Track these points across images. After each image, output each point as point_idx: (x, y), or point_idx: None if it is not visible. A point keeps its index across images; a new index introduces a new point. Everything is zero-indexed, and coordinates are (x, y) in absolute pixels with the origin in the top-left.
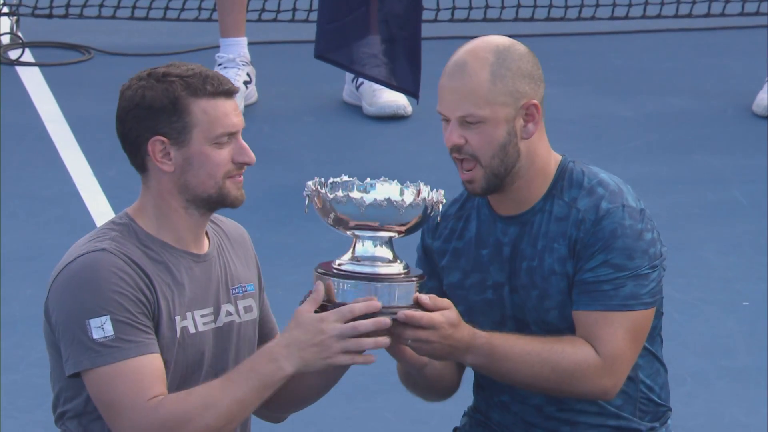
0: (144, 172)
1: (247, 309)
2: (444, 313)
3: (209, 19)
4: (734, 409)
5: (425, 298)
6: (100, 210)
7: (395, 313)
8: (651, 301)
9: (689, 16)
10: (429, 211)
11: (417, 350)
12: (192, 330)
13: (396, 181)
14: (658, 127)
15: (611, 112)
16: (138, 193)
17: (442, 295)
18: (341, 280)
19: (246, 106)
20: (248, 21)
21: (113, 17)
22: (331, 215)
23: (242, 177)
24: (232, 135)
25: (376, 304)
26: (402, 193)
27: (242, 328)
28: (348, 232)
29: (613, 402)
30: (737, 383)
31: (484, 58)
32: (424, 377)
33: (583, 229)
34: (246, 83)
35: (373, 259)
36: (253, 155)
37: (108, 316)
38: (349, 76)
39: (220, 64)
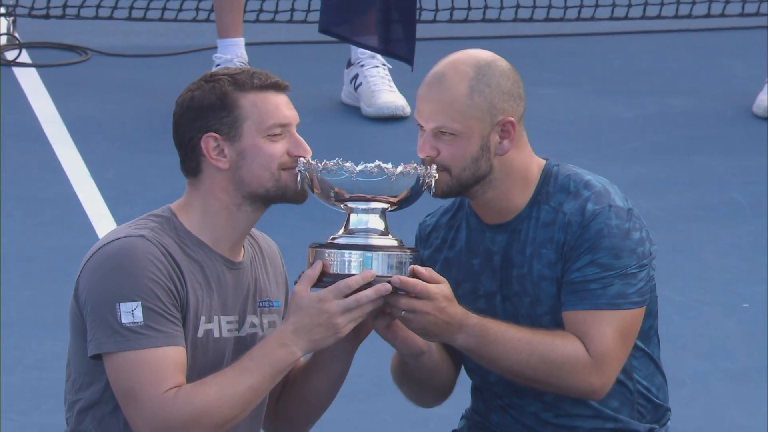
0: (197, 174)
1: (271, 324)
2: (439, 286)
3: (207, 20)
4: (734, 411)
5: (421, 268)
6: (98, 212)
7: (389, 280)
8: (640, 300)
9: (689, 16)
10: (421, 183)
11: (410, 324)
12: (216, 334)
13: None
14: (657, 129)
15: (611, 113)
16: (135, 194)
17: None
18: (335, 251)
19: None
20: (246, 21)
21: (110, 18)
22: (324, 188)
23: None
24: (284, 127)
25: (372, 272)
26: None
27: None
28: (341, 206)
29: (610, 404)
30: (737, 385)
31: (464, 72)
32: (421, 368)
33: (570, 232)
34: None
35: (367, 231)
36: (308, 148)
37: (140, 302)
38: (347, 77)
39: (217, 65)
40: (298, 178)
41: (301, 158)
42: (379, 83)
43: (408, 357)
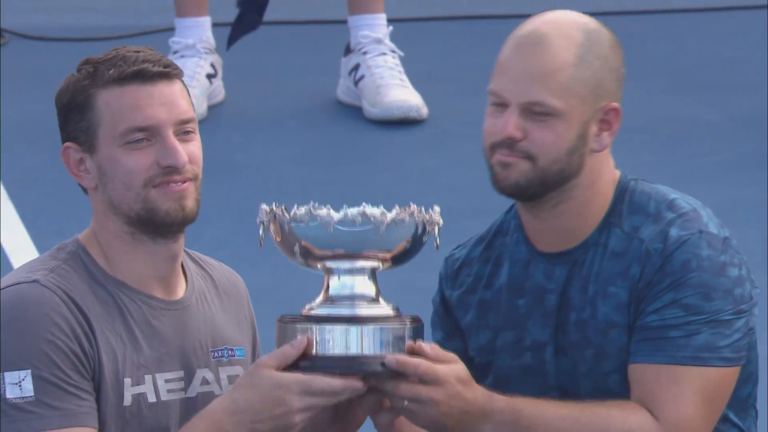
0: (85, 193)
1: (233, 380)
2: (450, 366)
3: None
4: None
5: (424, 345)
6: (18, 243)
7: (383, 361)
8: (733, 357)
9: None
10: (420, 233)
11: (417, 418)
12: (152, 398)
13: (381, 206)
14: (753, 135)
15: (691, 114)
16: (66, 222)
17: (466, 360)
18: (311, 326)
19: (209, 107)
20: None
21: None
22: (294, 244)
23: (184, 185)
24: (147, 131)
25: (356, 384)
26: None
27: None
28: (318, 266)
29: None
30: None
31: (571, 36)
32: None
33: (648, 264)
34: (210, 77)
35: (352, 298)
36: (182, 156)
37: (29, 371)
38: (345, 67)
39: (175, 52)
40: (260, 232)
41: (263, 206)
42: (387, 76)
43: None
